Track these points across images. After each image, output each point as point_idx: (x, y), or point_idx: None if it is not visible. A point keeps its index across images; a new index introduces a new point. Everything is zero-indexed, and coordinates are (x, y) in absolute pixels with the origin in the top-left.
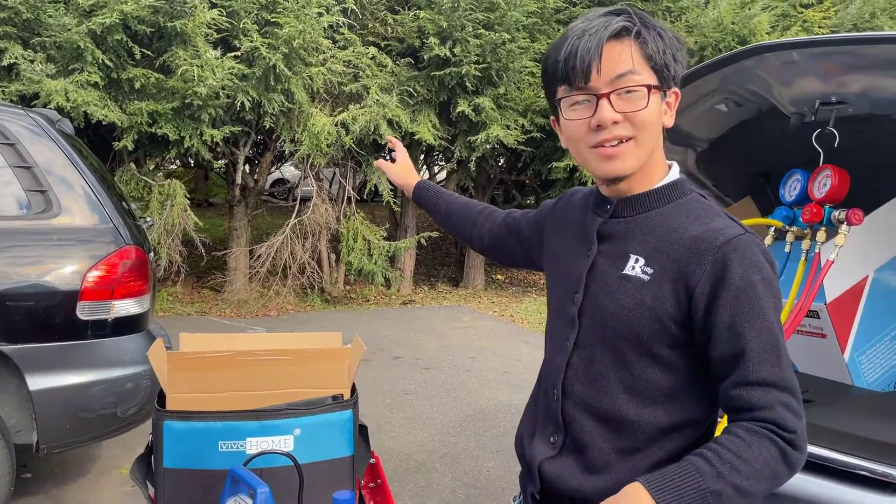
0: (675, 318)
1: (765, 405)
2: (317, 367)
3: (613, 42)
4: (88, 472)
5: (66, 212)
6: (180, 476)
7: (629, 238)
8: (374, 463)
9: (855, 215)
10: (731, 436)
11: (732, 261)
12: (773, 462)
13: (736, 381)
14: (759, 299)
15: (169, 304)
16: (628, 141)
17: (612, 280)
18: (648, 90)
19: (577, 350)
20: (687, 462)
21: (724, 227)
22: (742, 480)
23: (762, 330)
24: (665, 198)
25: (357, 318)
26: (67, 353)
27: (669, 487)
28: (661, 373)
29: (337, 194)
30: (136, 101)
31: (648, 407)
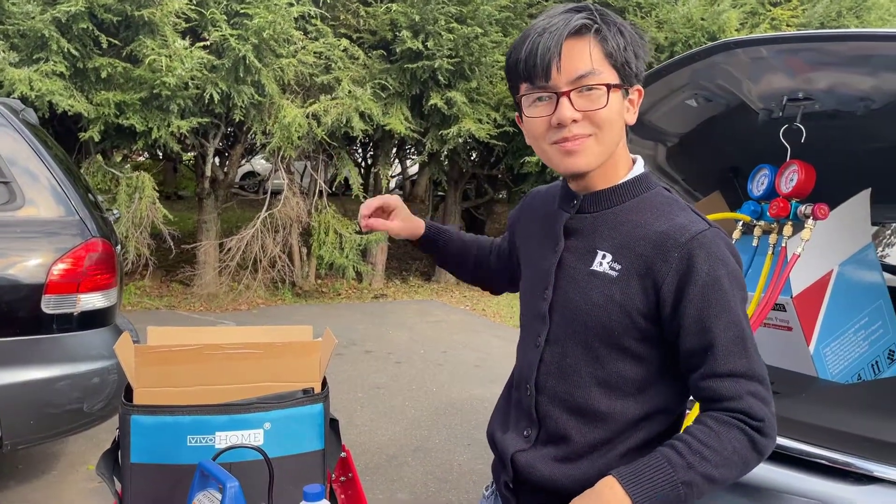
0: (644, 313)
1: (733, 395)
2: (287, 360)
3: (573, 40)
4: (54, 468)
5: (30, 203)
6: (148, 471)
7: (596, 234)
8: (345, 457)
9: (821, 210)
10: (701, 426)
11: (698, 256)
12: (742, 450)
13: (705, 374)
14: (724, 293)
15: (137, 298)
16: (588, 137)
17: (581, 276)
18: (608, 89)
19: (549, 346)
20: (658, 454)
21: (689, 223)
22: (712, 469)
23: (729, 323)
24: (630, 192)
25: (328, 312)
26: (32, 347)
27: (642, 480)
28: (632, 366)
29: (308, 187)
30: (102, 91)
31: (620, 399)
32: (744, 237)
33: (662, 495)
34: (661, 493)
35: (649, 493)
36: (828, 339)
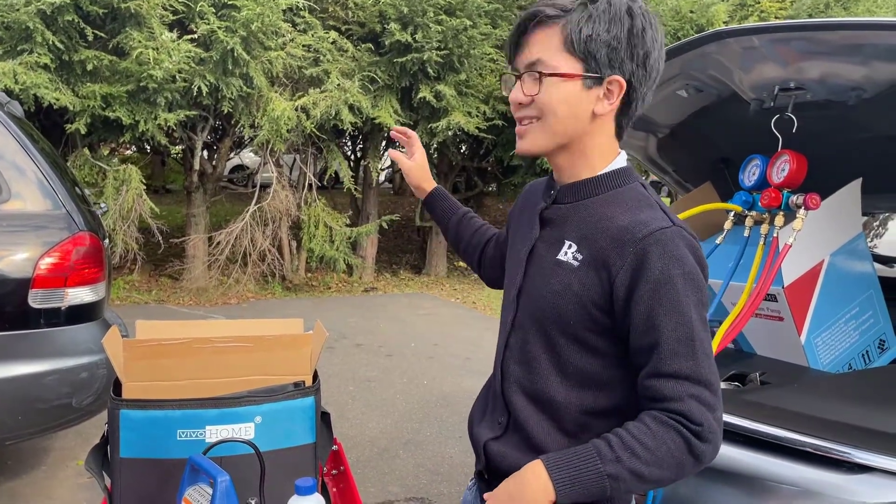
0: (599, 305)
1: (674, 397)
2: (278, 353)
3: (540, 27)
4: (43, 463)
5: (16, 197)
6: (137, 466)
7: (566, 224)
8: (337, 450)
9: (812, 200)
10: (638, 423)
11: (652, 254)
12: (677, 452)
13: (649, 372)
14: (676, 293)
15: (126, 293)
16: (533, 121)
17: (547, 264)
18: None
19: (514, 331)
20: (589, 445)
21: (650, 220)
22: (641, 466)
23: (678, 324)
24: (605, 185)
25: (319, 305)
26: (19, 342)
27: (567, 467)
28: (589, 358)
29: (297, 180)
30: (88, 84)
31: (576, 390)
32: (735, 227)
33: (587, 485)
34: (584, 482)
35: (573, 481)
36: (819, 329)
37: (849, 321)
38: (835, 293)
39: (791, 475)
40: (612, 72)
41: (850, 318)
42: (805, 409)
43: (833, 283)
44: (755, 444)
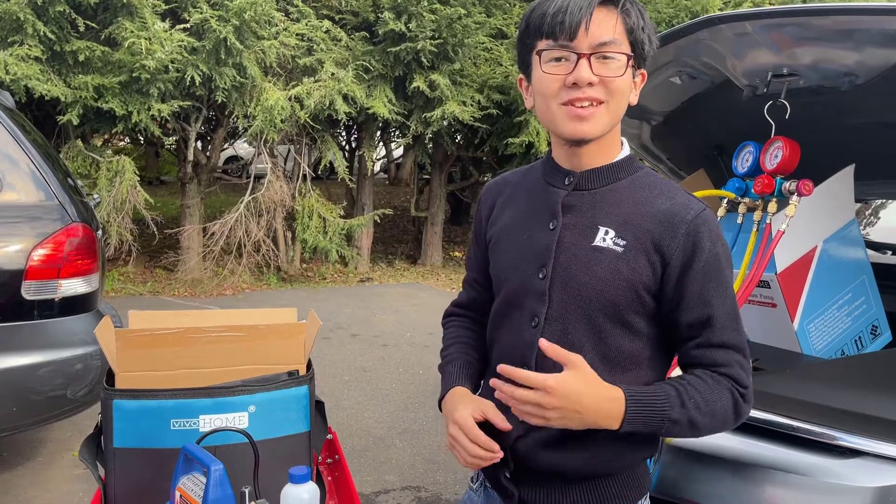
0: (649, 288)
1: (726, 363)
2: (271, 343)
3: (602, 8)
4: (39, 455)
5: (8, 188)
6: (131, 455)
7: (596, 210)
8: (332, 438)
9: (805, 186)
10: (698, 378)
11: (702, 234)
12: (727, 408)
13: (701, 343)
14: (722, 270)
15: (120, 284)
16: (599, 105)
17: (583, 252)
18: (628, 59)
19: (549, 324)
20: (662, 389)
21: (690, 203)
22: (698, 416)
23: (726, 298)
24: (623, 171)
25: (314, 296)
26: (13, 333)
27: (643, 405)
28: (631, 340)
29: (292, 171)
30: (80, 75)
31: (618, 374)
32: (728, 214)
33: (650, 423)
34: (650, 421)
35: (643, 418)
36: (812, 315)
37: (841, 307)
38: (828, 279)
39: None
40: (643, 62)
41: (842, 305)
42: (797, 394)
43: (826, 269)
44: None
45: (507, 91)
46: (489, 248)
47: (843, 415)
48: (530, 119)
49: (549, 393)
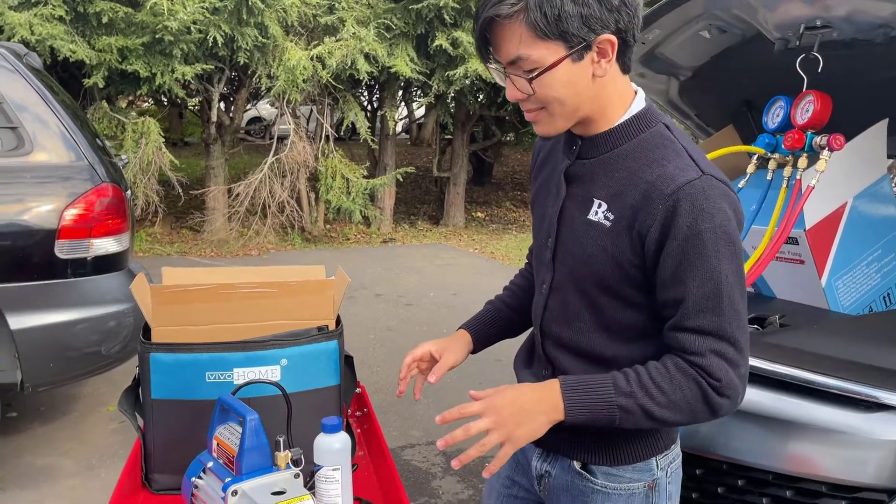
0: (635, 264)
1: (696, 351)
2: (301, 299)
3: (500, 24)
4: (75, 410)
5: (39, 149)
6: (169, 406)
7: (593, 181)
8: (360, 392)
9: (836, 140)
10: (659, 364)
11: (680, 209)
12: (692, 399)
13: (673, 325)
14: (704, 247)
15: (148, 245)
16: (541, 110)
17: (578, 225)
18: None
19: (553, 293)
20: (608, 375)
21: (677, 173)
22: (653, 406)
23: (704, 279)
24: (628, 134)
25: (338, 256)
26: (48, 291)
27: (581, 391)
28: (631, 312)
29: (314, 132)
30: (104, 37)
31: (624, 344)
32: (758, 171)
33: (594, 409)
34: (594, 408)
35: (583, 405)
36: (840, 271)
37: (870, 263)
38: (857, 236)
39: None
40: (596, 34)
41: (871, 261)
42: (823, 349)
43: (856, 225)
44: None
45: None
46: (533, 199)
47: (868, 369)
48: None
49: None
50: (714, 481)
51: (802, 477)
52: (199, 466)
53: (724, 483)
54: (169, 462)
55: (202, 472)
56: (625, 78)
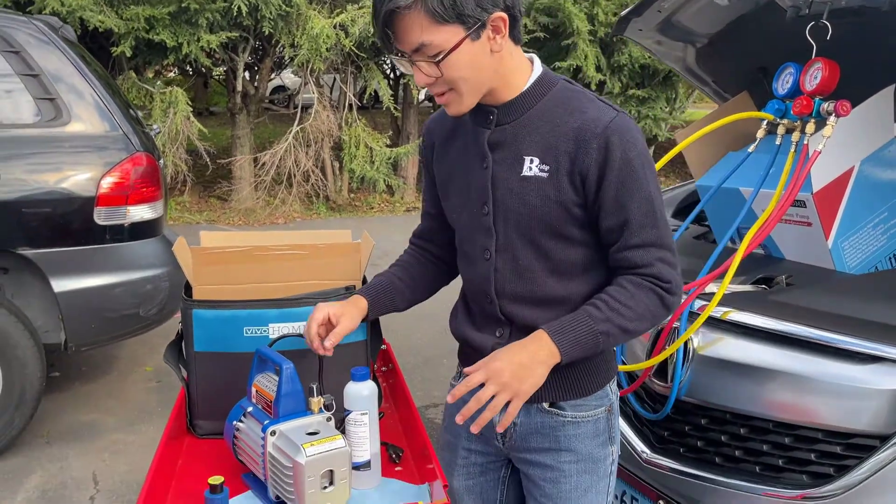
0: (577, 203)
1: (645, 263)
2: (330, 260)
3: (399, 16)
4: (114, 369)
5: (76, 119)
6: (210, 358)
7: (519, 142)
8: (386, 349)
9: (843, 106)
10: (618, 287)
11: (612, 143)
12: (653, 307)
13: (621, 246)
14: (635, 173)
15: (178, 213)
16: (450, 91)
17: (514, 184)
18: (447, 53)
19: (500, 255)
20: (581, 310)
21: (600, 114)
22: (626, 322)
23: (642, 200)
24: (538, 94)
25: (362, 225)
26: (88, 256)
27: (567, 331)
28: (576, 250)
29: (338, 101)
30: (132, 6)
31: (573, 281)
32: (768, 136)
33: (584, 344)
34: (583, 341)
35: (574, 343)
36: (846, 233)
37: (877, 225)
38: (864, 198)
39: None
40: (489, 13)
41: (878, 223)
42: (824, 307)
43: (863, 188)
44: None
45: (555, 13)
46: (438, 186)
47: (864, 324)
48: (578, 42)
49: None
50: (718, 430)
51: (800, 425)
52: (240, 411)
53: (727, 431)
54: (211, 409)
55: (243, 416)
56: (518, 49)
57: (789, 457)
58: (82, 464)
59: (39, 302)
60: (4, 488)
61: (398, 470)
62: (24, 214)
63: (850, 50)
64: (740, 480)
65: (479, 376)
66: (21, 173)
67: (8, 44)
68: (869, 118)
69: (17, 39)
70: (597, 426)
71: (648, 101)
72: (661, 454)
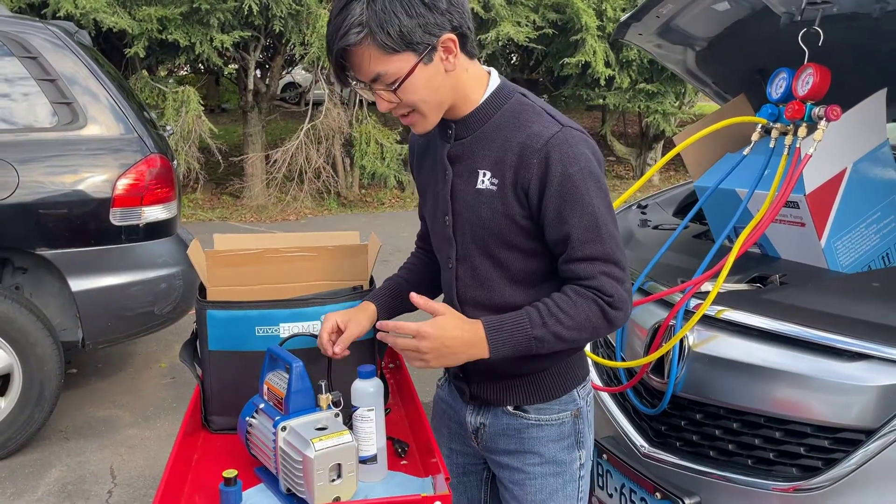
0: (524, 216)
1: (588, 276)
2: (338, 261)
3: (353, 50)
4: (130, 366)
5: (92, 122)
6: (223, 357)
7: (475, 155)
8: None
9: (833, 112)
10: (562, 294)
11: (552, 158)
12: (594, 318)
13: (565, 259)
14: (576, 188)
15: (191, 211)
16: (412, 113)
17: (470, 196)
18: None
19: (460, 264)
20: (523, 311)
21: (542, 130)
22: (563, 330)
23: (583, 214)
24: (492, 108)
25: (373, 220)
26: (104, 256)
27: (502, 330)
28: (533, 260)
29: (349, 98)
30: (144, 7)
31: (532, 289)
32: (762, 139)
33: (516, 345)
34: (515, 343)
35: (506, 342)
36: (839, 233)
37: (870, 225)
38: (857, 199)
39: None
40: (437, 37)
41: (871, 223)
42: (815, 305)
43: (855, 189)
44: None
45: (563, 10)
46: (419, 190)
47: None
48: (587, 38)
49: (423, 337)
50: (712, 424)
51: (791, 419)
52: (253, 407)
53: (721, 426)
54: (225, 406)
55: (255, 412)
56: (474, 62)
57: (780, 450)
58: (100, 458)
59: (57, 301)
60: (26, 482)
61: (404, 464)
62: (43, 216)
63: (842, 55)
64: (734, 473)
65: (410, 328)
66: (39, 176)
67: (25, 49)
68: (861, 121)
69: (34, 45)
70: (561, 430)
71: (657, 96)
72: (659, 448)
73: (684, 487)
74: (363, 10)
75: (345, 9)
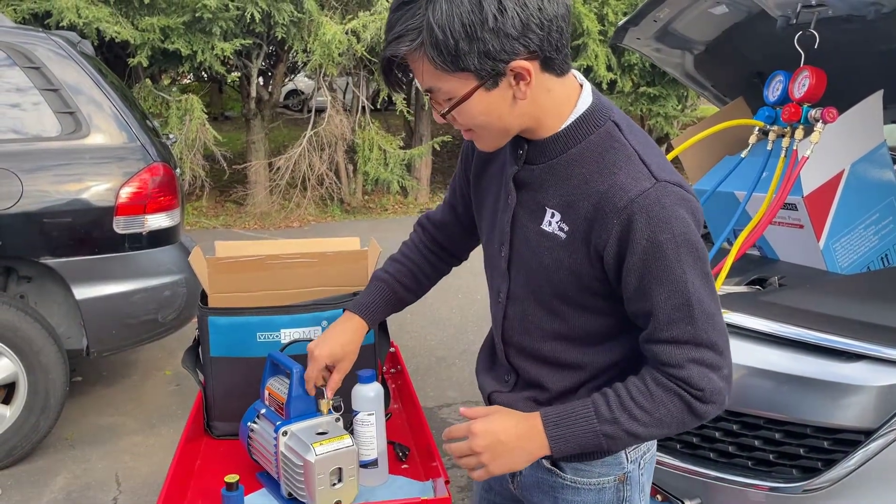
0: (596, 276)
1: (674, 363)
2: (338, 267)
3: (409, 55)
4: (134, 374)
5: (95, 131)
6: (225, 363)
7: (544, 188)
8: (394, 351)
9: (829, 114)
10: (639, 382)
11: (636, 222)
12: (677, 413)
13: (647, 338)
14: (666, 259)
15: (195, 218)
16: (469, 131)
17: (532, 235)
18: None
19: (511, 303)
20: (589, 402)
21: (629, 183)
22: (638, 427)
23: (672, 291)
24: (575, 137)
25: (377, 227)
26: (108, 264)
27: (564, 425)
28: (595, 319)
29: (351, 104)
30: (146, 17)
31: (589, 349)
32: (760, 142)
33: (582, 442)
34: (580, 440)
35: (569, 438)
36: (838, 234)
37: (868, 226)
38: (855, 201)
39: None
40: (505, 63)
41: (869, 224)
42: (813, 307)
43: (853, 191)
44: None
45: None
46: (473, 198)
47: (851, 323)
48: (589, 42)
49: (474, 434)
50: (712, 426)
51: (790, 420)
52: (254, 413)
53: (721, 428)
54: (227, 411)
55: (257, 417)
56: (562, 80)
57: (780, 451)
58: (105, 466)
59: (62, 309)
60: (31, 490)
61: (405, 468)
62: (47, 225)
63: (838, 57)
64: (734, 475)
65: (462, 431)
66: (43, 185)
67: (29, 60)
68: (857, 123)
69: (38, 55)
70: (600, 496)
71: (659, 99)
72: (660, 451)
73: (685, 489)
74: (423, 15)
75: (405, 4)
